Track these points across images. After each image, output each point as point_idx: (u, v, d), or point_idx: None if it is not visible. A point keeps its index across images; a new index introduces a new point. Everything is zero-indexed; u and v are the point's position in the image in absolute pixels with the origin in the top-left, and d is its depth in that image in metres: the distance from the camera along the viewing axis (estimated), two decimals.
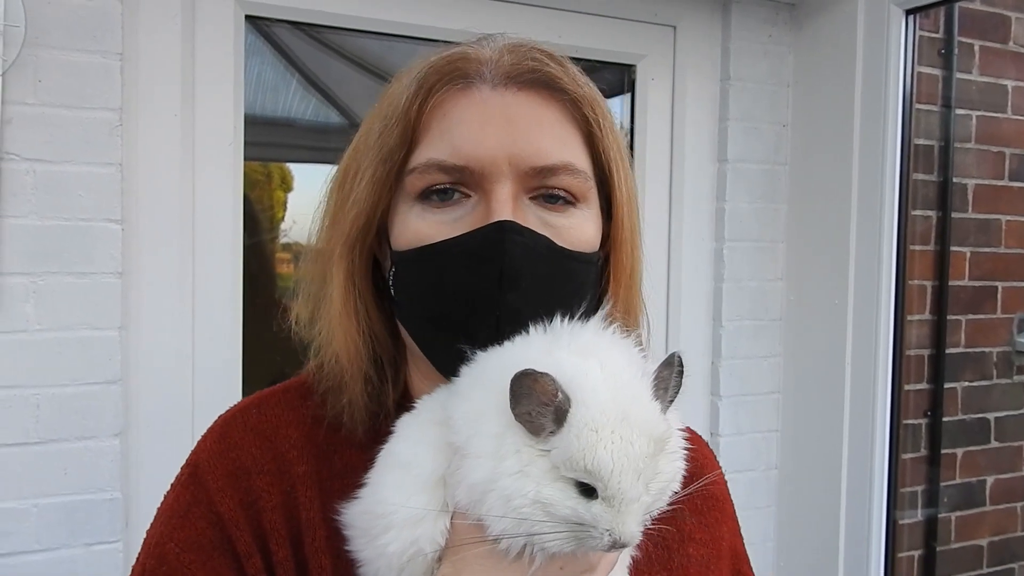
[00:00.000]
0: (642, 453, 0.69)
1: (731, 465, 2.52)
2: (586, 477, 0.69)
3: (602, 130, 0.88)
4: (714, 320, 2.52)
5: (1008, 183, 3.04)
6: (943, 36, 2.90)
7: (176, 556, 0.85)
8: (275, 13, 2.06)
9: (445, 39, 2.35)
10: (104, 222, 1.84)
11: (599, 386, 0.71)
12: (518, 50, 0.87)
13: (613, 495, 0.69)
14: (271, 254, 2.25)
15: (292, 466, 0.88)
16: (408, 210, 0.85)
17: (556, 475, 0.70)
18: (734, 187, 2.48)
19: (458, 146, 0.82)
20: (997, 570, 3.13)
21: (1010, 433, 3.11)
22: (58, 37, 1.78)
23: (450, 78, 0.85)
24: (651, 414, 0.72)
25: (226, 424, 0.93)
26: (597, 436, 0.69)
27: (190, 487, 0.89)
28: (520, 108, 0.84)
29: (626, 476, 0.69)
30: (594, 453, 0.68)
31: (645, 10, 2.40)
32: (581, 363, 0.73)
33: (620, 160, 0.90)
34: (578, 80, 0.88)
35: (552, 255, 0.83)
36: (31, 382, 1.79)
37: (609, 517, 0.69)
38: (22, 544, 1.79)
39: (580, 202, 0.86)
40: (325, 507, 0.86)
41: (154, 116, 1.91)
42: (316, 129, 2.28)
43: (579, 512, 0.69)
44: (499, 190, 0.82)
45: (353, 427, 0.89)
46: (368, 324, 0.89)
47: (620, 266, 0.91)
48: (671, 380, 0.75)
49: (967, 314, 3.00)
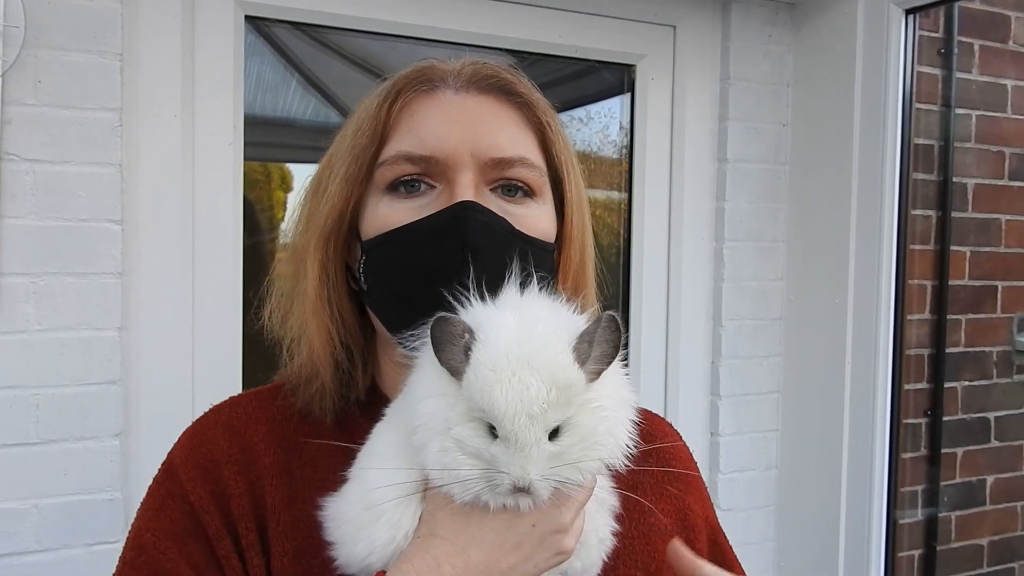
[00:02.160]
0: (539, 397, 0.71)
1: (731, 465, 2.52)
2: (487, 417, 0.72)
3: (555, 134, 0.97)
4: (714, 320, 2.52)
5: (1008, 183, 3.04)
6: (943, 36, 2.90)
7: (153, 545, 0.89)
8: (275, 13, 2.06)
9: (445, 40, 2.35)
10: (104, 222, 1.84)
11: (505, 329, 0.74)
12: (478, 63, 0.98)
13: (507, 436, 0.71)
14: (271, 254, 2.25)
15: (259, 457, 0.94)
16: (378, 202, 0.93)
17: (470, 416, 0.73)
18: (734, 187, 2.48)
19: (424, 139, 0.91)
20: (997, 569, 3.13)
21: (1010, 432, 3.11)
22: (58, 37, 1.78)
23: (418, 82, 0.94)
24: (557, 361, 0.73)
25: (198, 423, 0.99)
26: (495, 376, 0.71)
27: (164, 482, 0.95)
28: (480, 108, 0.94)
29: (519, 418, 0.71)
30: (490, 393, 0.71)
31: (645, 10, 2.40)
32: (495, 311, 0.77)
33: (571, 164, 0.99)
34: (531, 88, 0.98)
35: (511, 236, 0.90)
36: (31, 382, 1.79)
37: (506, 458, 0.72)
38: (22, 544, 1.79)
39: (536, 195, 0.95)
40: (292, 494, 0.92)
41: (154, 116, 1.91)
42: (316, 129, 2.28)
43: (481, 451, 0.72)
44: (462, 178, 0.90)
45: (322, 415, 0.95)
46: (340, 313, 0.96)
47: (568, 261, 0.99)
48: (596, 336, 0.75)
49: (967, 313, 3.00)
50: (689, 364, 2.50)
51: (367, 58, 2.25)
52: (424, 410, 0.76)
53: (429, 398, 0.76)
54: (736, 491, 2.53)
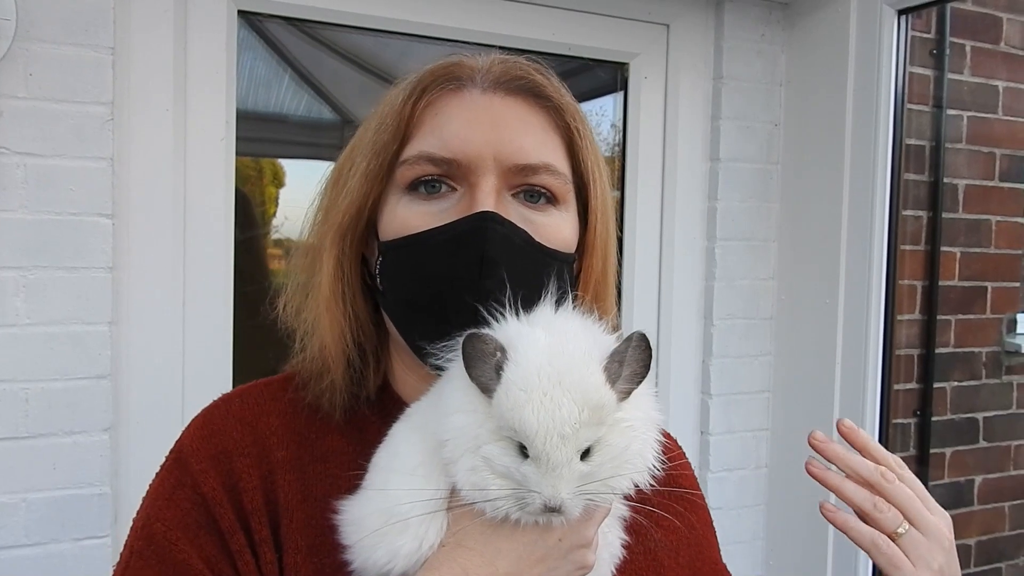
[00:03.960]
0: (570, 417, 0.70)
1: (721, 463, 2.53)
2: (517, 436, 0.71)
3: (583, 139, 0.94)
4: (705, 319, 2.53)
5: (999, 184, 3.05)
6: (935, 36, 2.91)
7: (163, 535, 0.87)
8: (268, 8, 2.06)
9: (438, 36, 2.34)
10: (95, 216, 1.83)
11: (537, 348, 0.73)
12: (508, 61, 0.94)
13: (539, 456, 0.71)
14: (262, 250, 2.25)
15: (272, 451, 0.92)
16: (397, 201, 0.90)
17: (500, 434, 0.73)
18: (726, 186, 2.49)
19: (447, 140, 0.88)
20: (985, 569, 3.14)
21: (998, 433, 3.13)
22: (49, 31, 1.78)
23: (444, 80, 0.91)
24: (589, 381, 0.72)
25: (209, 413, 0.97)
26: (526, 396, 0.71)
27: (174, 471, 0.92)
28: (507, 111, 0.91)
29: (551, 438, 0.70)
30: (521, 413, 0.71)
31: (638, 8, 2.41)
32: (527, 328, 0.76)
33: (598, 171, 0.96)
34: (561, 91, 0.95)
35: (529, 248, 0.88)
36: (21, 376, 1.79)
37: (537, 478, 0.71)
38: (11, 539, 1.79)
39: (559, 203, 0.92)
40: (305, 490, 0.90)
41: (146, 111, 1.90)
42: (308, 125, 2.28)
43: (511, 470, 0.72)
44: (483, 183, 0.87)
45: (332, 410, 0.93)
46: (354, 310, 0.94)
47: (590, 270, 0.96)
48: (627, 356, 0.74)
49: (957, 314, 3.01)
50: (680, 362, 2.51)
51: (360, 54, 2.25)
52: (454, 425, 0.75)
53: (459, 413, 0.75)
54: (726, 489, 2.53)
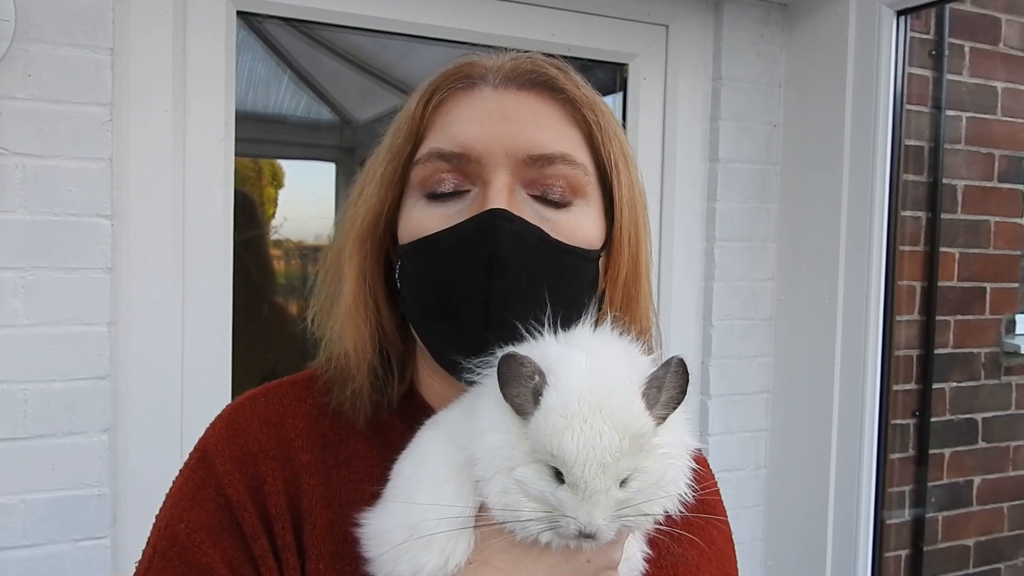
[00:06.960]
0: (611, 446, 0.69)
1: (720, 464, 2.52)
2: (554, 462, 0.70)
3: (603, 131, 0.91)
4: (704, 319, 2.53)
5: (997, 184, 3.05)
6: (934, 37, 2.91)
7: (187, 536, 0.87)
8: (267, 9, 2.06)
9: (437, 37, 2.34)
10: (94, 217, 1.83)
11: (577, 374, 0.72)
12: (521, 56, 0.93)
13: (576, 483, 0.70)
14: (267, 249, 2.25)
15: (297, 454, 0.91)
16: (413, 205, 0.89)
17: (534, 457, 0.71)
18: (725, 187, 2.49)
19: (456, 136, 0.87)
20: (983, 570, 3.14)
21: (997, 434, 3.13)
22: (48, 31, 1.77)
23: (455, 79, 0.90)
24: (629, 409, 0.71)
25: (234, 411, 0.95)
26: (566, 422, 0.70)
27: (199, 471, 0.91)
28: (519, 105, 0.89)
29: (590, 466, 0.69)
30: (560, 439, 0.69)
31: (638, 9, 2.41)
32: (566, 351, 0.74)
33: (623, 163, 0.93)
34: (579, 84, 0.92)
35: (544, 245, 0.85)
36: (19, 377, 1.79)
37: (573, 504, 0.70)
38: (9, 539, 1.78)
39: (579, 197, 0.89)
40: (328, 495, 0.89)
41: (145, 111, 1.90)
42: (307, 126, 2.28)
43: (546, 495, 0.71)
44: (495, 180, 0.85)
45: (355, 416, 0.92)
46: (377, 318, 0.93)
47: (616, 267, 0.93)
48: (666, 382, 0.73)
49: (956, 315, 3.01)
50: None
51: (359, 55, 2.25)
52: (487, 444, 0.74)
53: (492, 432, 0.74)
54: (725, 490, 2.49)
